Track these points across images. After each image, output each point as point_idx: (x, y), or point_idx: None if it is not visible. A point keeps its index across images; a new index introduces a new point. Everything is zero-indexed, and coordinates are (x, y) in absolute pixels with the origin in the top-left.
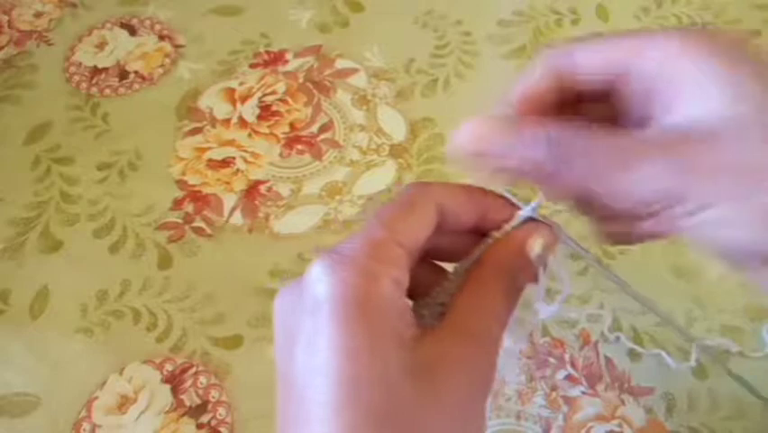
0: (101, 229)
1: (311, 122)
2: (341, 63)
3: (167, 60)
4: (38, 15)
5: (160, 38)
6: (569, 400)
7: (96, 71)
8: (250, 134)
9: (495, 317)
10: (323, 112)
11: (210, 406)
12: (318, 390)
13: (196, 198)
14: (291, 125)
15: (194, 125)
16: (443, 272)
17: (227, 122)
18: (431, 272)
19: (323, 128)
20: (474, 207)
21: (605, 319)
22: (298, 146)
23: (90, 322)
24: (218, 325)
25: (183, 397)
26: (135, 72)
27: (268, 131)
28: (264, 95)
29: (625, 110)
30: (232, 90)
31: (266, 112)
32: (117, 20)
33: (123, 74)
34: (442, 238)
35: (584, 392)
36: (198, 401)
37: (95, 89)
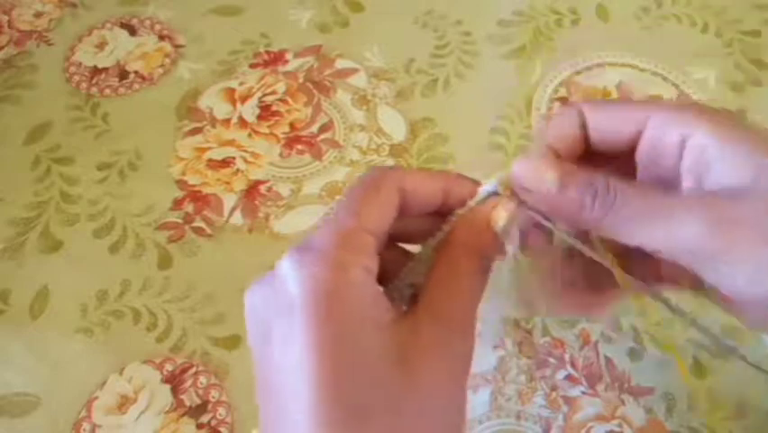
0: (101, 229)
1: (311, 122)
2: (341, 63)
3: (167, 60)
4: (38, 15)
5: (160, 38)
6: (569, 400)
7: (96, 71)
8: (250, 134)
9: (468, 299)
10: (323, 112)
11: (210, 406)
12: (295, 388)
13: (196, 198)
14: (291, 125)
15: (194, 125)
16: (409, 255)
17: (227, 122)
18: (397, 256)
19: (323, 128)
20: (437, 187)
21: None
22: (298, 146)
23: (90, 322)
24: (218, 325)
25: (183, 397)
26: (135, 72)
27: (268, 131)
28: (264, 95)
29: (645, 167)
30: (232, 90)
31: (266, 112)
32: (117, 20)
33: (123, 74)
34: (408, 222)
35: (584, 392)
36: (198, 401)
37: (95, 89)
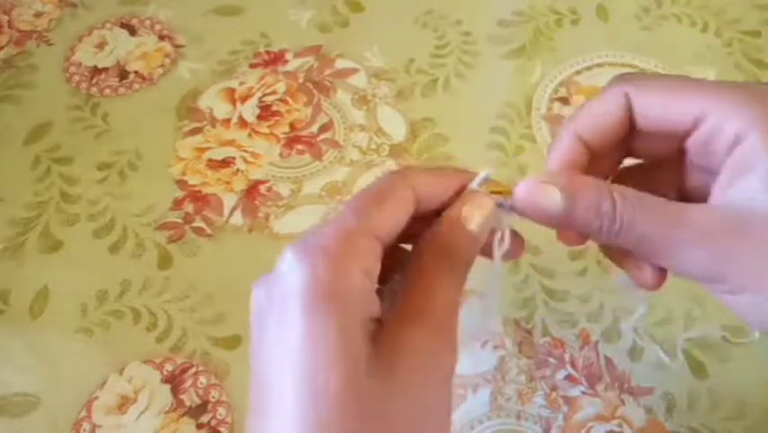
0: (101, 229)
1: (311, 122)
2: (341, 63)
3: (167, 60)
4: (38, 15)
5: (160, 38)
6: (569, 400)
7: (96, 71)
8: (250, 134)
9: (443, 300)
10: (323, 112)
11: (210, 406)
12: (285, 381)
13: (196, 198)
14: (291, 125)
15: (194, 125)
16: (407, 255)
17: (227, 122)
18: (399, 255)
19: (323, 128)
20: (450, 188)
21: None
22: (298, 146)
23: (90, 322)
24: (218, 325)
25: (183, 397)
26: (135, 72)
27: (268, 131)
28: (264, 95)
29: (695, 155)
30: (232, 90)
31: (266, 112)
32: (117, 20)
33: (123, 74)
34: (417, 222)
35: (584, 392)
36: (198, 401)
37: (95, 89)
